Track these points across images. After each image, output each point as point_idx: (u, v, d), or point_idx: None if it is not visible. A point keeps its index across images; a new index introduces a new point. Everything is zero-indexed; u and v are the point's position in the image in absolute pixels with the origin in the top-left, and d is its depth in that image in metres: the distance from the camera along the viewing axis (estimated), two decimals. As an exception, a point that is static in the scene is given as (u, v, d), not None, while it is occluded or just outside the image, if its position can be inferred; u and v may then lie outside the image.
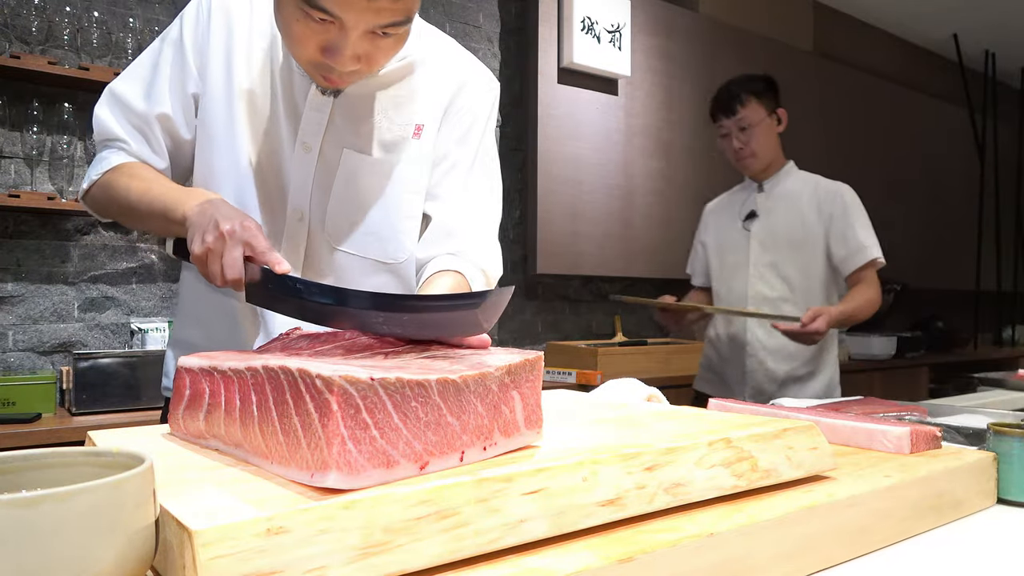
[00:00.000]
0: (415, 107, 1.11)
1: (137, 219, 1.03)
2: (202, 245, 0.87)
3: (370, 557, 0.41)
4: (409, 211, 1.12)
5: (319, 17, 0.87)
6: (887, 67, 5.11)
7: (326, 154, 1.06)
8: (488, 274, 1.13)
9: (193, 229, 0.90)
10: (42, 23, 2.29)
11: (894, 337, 4.23)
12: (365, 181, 1.08)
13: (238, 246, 0.86)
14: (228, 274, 0.85)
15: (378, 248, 1.11)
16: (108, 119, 1.07)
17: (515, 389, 0.55)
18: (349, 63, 0.93)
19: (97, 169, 1.06)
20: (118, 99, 1.07)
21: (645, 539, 0.49)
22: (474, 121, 1.15)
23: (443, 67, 1.14)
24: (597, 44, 3.35)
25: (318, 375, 0.46)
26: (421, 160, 1.12)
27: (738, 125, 2.11)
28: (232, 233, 0.86)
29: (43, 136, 2.30)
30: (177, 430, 0.65)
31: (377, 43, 0.92)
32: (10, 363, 2.32)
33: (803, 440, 0.64)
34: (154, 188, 1.00)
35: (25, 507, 0.33)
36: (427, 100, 1.12)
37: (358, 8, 0.86)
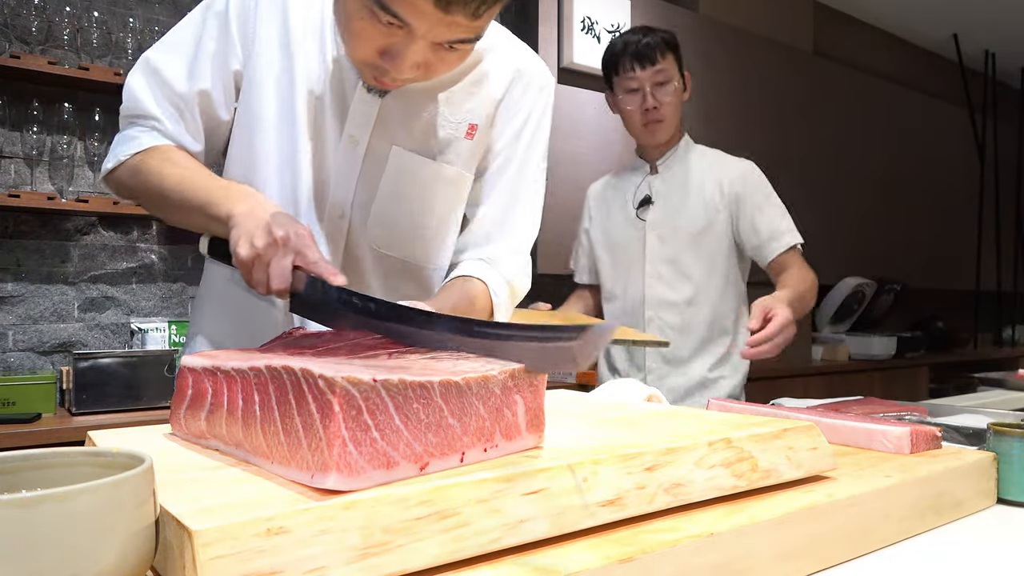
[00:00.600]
0: (471, 105, 1.04)
1: (169, 209, 0.95)
2: (250, 250, 0.80)
3: (370, 557, 0.41)
4: (455, 215, 1.07)
5: (387, 20, 0.81)
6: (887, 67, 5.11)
7: (374, 149, 1.00)
8: (515, 288, 1.09)
9: (240, 231, 0.82)
10: (42, 23, 2.29)
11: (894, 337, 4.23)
12: (413, 181, 1.02)
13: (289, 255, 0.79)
14: (275, 284, 0.79)
15: (420, 252, 1.06)
16: (143, 92, 0.99)
17: (518, 392, 0.55)
18: (407, 71, 0.87)
19: (126, 149, 0.97)
20: (156, 72, 0.99)
21: (645, 539, 0.49)
22: (527, 119, 1.09)
23: (501, 60, 1.06)
24: (597, 44, 3.35)
25: (321, 375, 0.46)
26: (471, 162, 1.06)
27: (655, 79, 1.74)
28: (286, 240, 0.79)
29: (43, 136, 2.30)
30: (179, 429, 0.65)
31: (441, 55, 0.86)
32: (10, 363, 2.32)
33: (803, 440, 0.64)
34: (192, 177, 0.92)
35: (25, 507, 0.33)
36: (483, 97, 1.05)
37: (431, 20, 0.80)
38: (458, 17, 0.80)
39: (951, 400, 1.62)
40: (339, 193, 1.00)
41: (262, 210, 0.83)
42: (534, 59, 1.11)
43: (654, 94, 1.74)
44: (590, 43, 3.33)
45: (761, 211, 1.75)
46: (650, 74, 1.73)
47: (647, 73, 1.73)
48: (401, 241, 1.04)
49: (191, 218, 0.93)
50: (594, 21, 3.33)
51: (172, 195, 0.93)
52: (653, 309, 1.80)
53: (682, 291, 1.79)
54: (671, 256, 1.80)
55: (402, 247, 1.04)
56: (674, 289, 1.80)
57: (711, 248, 1.78)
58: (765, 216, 1.75)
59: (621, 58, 1.76)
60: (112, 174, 1.00)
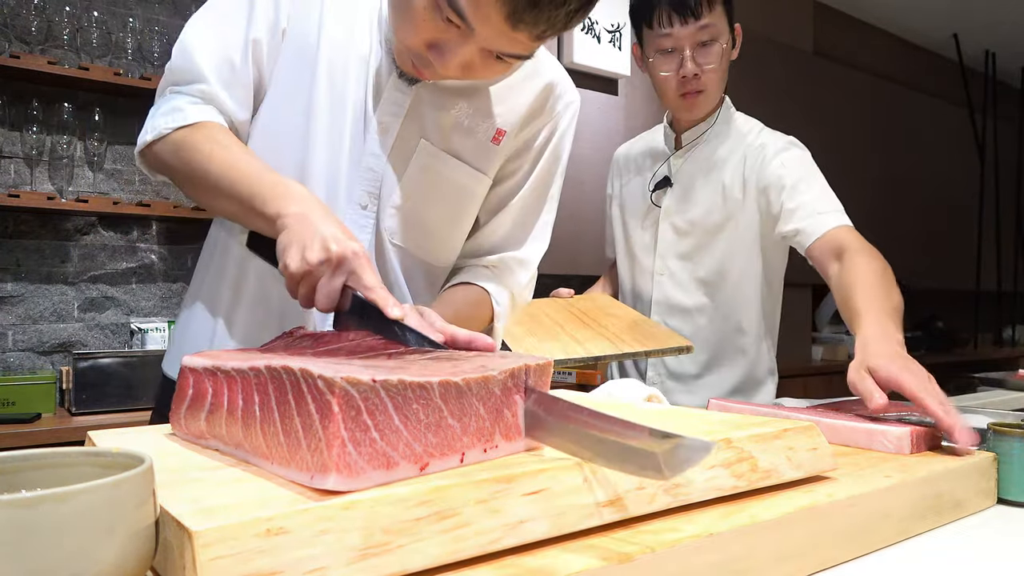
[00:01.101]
0: (500, 110, 1.02)
1: (212, 193, 0.88)
2: (301, 263, 0.74)
3: (370, 558, 0.41)
4: (469, 217, 1.06)
5: (448, 16, 0.78)
6: (887, 67, 5.11)
7: (403, 139, 0.97)
8: (516, 299, 1.09)
9: (291, 237, 0.77)
10: (42, 23, 2.29)
11: (894, 337, 4.22)
12: (435, 177, 0.99)
13: (342, 275, 0.75)
14: (321, 304, 0.75)
15: (433, 249, 1.04)
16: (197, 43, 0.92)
17: (518, 393, 0.55)
18: (453, 70, 0.84)
19: (170, 120, 0.90)
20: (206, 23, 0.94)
21: (645, 539, 0.49)
22: (553, 134, 1.08)
23: (534, 71, 1.05)
24: (597, 44, 3.35)
25: (320, 376, 0.46)
26: (493, 167, 1.04)
27: (697, 38, 1.35)
28: (341, 260, 0.74)
29: (43, 136, 2.31)
30: (179, 430, 0.65)
31: (489, 63, 0.84)
32: (10, 363, 2.32)
33: (803, 440, 0.64)
34: (242, 165, 0.86)
35: (25, 507, 0.33)
36: (512, 105, 1.04)
37: (495, 30, 0.77)
38: (521, 35, 0.78)
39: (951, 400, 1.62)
40: (367, 180, 0.97)
41: (316, 217, 0.78)
42: (564, 75, 1.09)
43: (695, 57, 1.36)
44: (590, 43, 3.33)
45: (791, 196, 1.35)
46: (692, 31, 1.34)
47: (688, 30, 1.34)
48: (415, 236, 1.01)
49: (232, 207, 0.87)
50: (594, 21, 3.33)
51: (219, 180, 0.86)
52: (660, 313, 1.52)
53: (694, 295, 1.48)
54: (685, 252, 1.49)
55: (414, 241, 1.02)
56: (685, 291, 1.49)
57: (731, 248, 1.46)
58: (799, 197, 1.34)
59: (656, 7, 1.36)
60: (151, 147, 0.92)
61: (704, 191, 1.47)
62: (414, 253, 1.02)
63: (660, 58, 1.39)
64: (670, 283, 1.50)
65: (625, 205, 1.60)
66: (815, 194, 1.34)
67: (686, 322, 1.50)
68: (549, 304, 1.50)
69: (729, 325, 1.48)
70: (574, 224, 3.33)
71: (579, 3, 0.76)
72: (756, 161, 1.42)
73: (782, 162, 1.38)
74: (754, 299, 1.48)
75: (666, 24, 1.34)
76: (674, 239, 1.49)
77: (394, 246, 1.00)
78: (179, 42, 0.94)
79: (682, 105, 1.42)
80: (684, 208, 1.48)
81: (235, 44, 0.93)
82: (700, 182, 1.47)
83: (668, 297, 1.50)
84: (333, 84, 0.95)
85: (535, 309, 1.42)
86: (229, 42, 0.93)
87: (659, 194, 1.51)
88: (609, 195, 1.68)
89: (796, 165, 1.38)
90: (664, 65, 1.39)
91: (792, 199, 1.34)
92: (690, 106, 1.42)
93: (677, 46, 1.36)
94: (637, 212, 1.56)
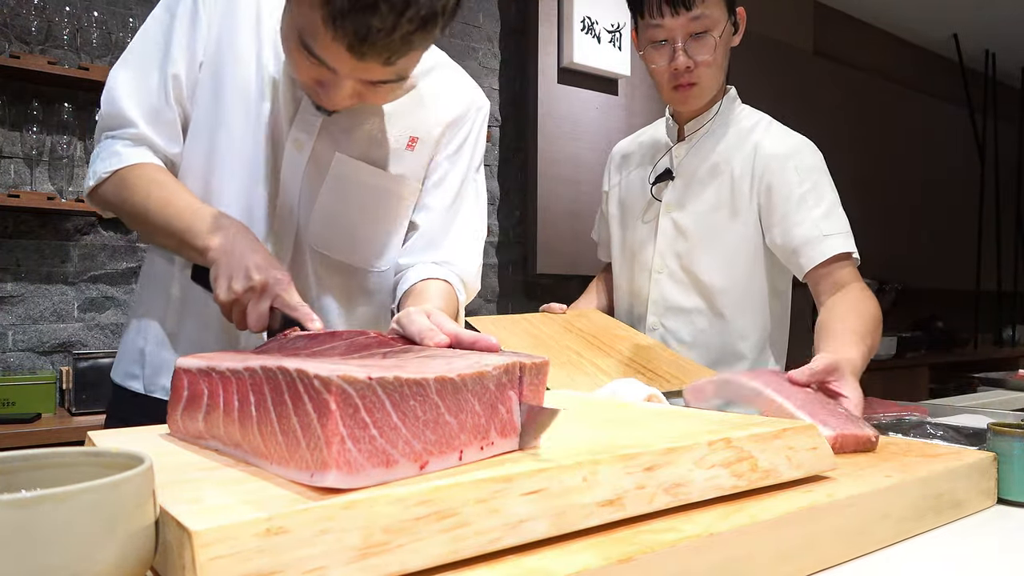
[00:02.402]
0: (412, 120, 1.10)
1: (150, 230, 0.98)
2: (229, 293, 0.85)
3: (370, 557, 0.41)
4: (396, 221, 1.12)
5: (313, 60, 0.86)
6: (887, 67, 5.12)
7: (318, 155, 1.04)
8: (468, 286, 1.14)
9: (219, 269, 0.87)
10: (42, 23, 2.29)
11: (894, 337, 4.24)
12: (354, 187, 1.07)
13: (267, 299, 0.84)
14: (252, 326, 0.84)
15: (361, 255, 1.10)
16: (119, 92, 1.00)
17: (512, 388, 0.55)
18: (342, 102, 0.92)
19: (107, 165, 0.99)
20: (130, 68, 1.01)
21: (645, 539, 0.49)
22: (467, 137, 1.16)
23: (439, 84, 1.14)
24: (597, 44, 3.35)
25: (316, 375, 0.46)
26: (414, 171, 1.11)
27: (689, 29, 1.29)
28: (264, 287, 0.84)
29: (43, 136, 2.31)
30: (175, 431, 0.65)
31: (373, 89, 0.91)
32: (10, 363, 2.32)
33: (803, 440, 0.64)
34: (174, 202, 0.95)
35: (25, 507, 0.33)
36: (425, 114, 1.11)
37: (349, 63, 0.84)
38: (372, 64, 0.84)
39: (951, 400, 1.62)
40: (286, 193, 1.04)
41: (240, 248, 0.87)
42: (470, 81, 1.19)
43: (688, 50, 1.30)
44: (590, 43, 3.33)
45: (798, 207, 1.29)
46: (684, 22, 1.28)
47: (680, 21, 1.28)
48: (341, 243, 1.08)
49: (169, 242, 0.96)
50: (594, 21, 3.33)
51: (155, 218, 0.95)
52: (657, 314, 1.44)
53: (693, 296, 1.41)
54: (685, 249, 1.41)
55: (342, 249, 1.08)
56: (684, 292, 1.42)
57: (734, 247, 1.38)
58: (801, 214, 1.28)
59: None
60: (96, 191, 1.01)
61: (709, 185, 1.39)
62: (340, 259, 1.09)
63: (652, 49, 1.33)
64: (669, 282, 1.43)
65: (624, 200, 1.54)
66: (823, 210, 1.28)
67: (684, 323, 1.42)
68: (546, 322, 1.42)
69: (730, 329, 1.40)
70: (574, 224, 3.34)
71: (412, 25, 0.80)
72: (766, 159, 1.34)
73: (795, 167, 1.32)
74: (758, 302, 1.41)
75: (656, 15, 1.29)
76: (674, 235, 1.42)
77: (318, 254, 1.07)
78: (105, 91, 1.02)
79: (676, 98, 1.37)
80: (686, 202, 1.41)
81: (156, 86, 1.01)
82: (705, 175, 1.40)
83: (666, 297, 1.43)
84: (248, 108, 1.02)
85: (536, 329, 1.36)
86: (150, 85, 1.01)
87: (660, 187, 1.44)
88: (605, 192, 1.62)
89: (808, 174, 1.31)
90: (656, 57, 1.33)
91: (798, 211, 1.29)
92: (684, 99, 1.36)
93: (669, 37, 1.30)
94: (636, 207, 1.50)
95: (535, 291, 3.51)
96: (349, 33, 0.79)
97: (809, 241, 1.27)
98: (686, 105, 1.38)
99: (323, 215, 1.06)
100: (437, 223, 1.13)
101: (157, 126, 1.01)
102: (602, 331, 1.41)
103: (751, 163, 1.36)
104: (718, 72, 1.35)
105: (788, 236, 1.29)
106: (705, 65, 1.31)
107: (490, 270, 3.40)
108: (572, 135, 3.37)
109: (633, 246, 1.50)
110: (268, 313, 0.85)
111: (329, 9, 0.78)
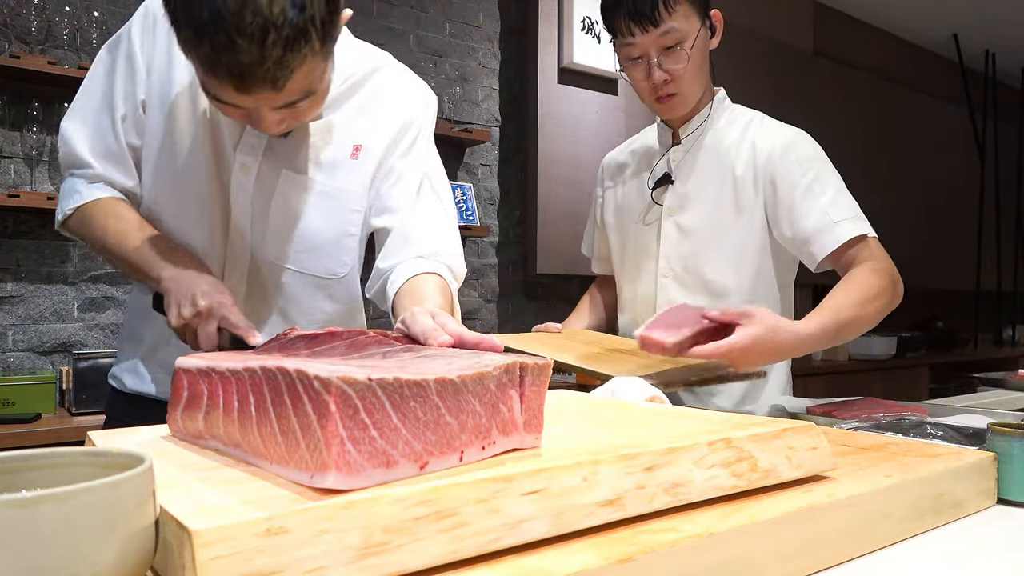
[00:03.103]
0: (353, 128, 1.12)
1: (113, 260, 1.07)
2: (179, 319, 0.93)
3: (370, 557, 0.41)
4: (347, 228, 1.14)
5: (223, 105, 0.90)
6: (887, 67, 5.12)
7: (264, 175, 1.08)
8: (454, 270, 1.15)
9: (169, 298, 0.95)
10: (42, 23, 2.29)
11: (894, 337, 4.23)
12: (303, 200, 1.10)
13: (213, 322, 0.92)
14: (203, 347, 0.92)
15: (318, 264, 1.13)
16: (73, 138, 1.07)
17: (512, 388, 0.55)
18: (273, 128, 0.95)
19: (69, 203, 1.07)
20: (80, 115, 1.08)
21: (645, 539, 0.49)
22: (417, 135, 1.17)
23: (382, 87, 1.15)
24: (597, 44, 3.35)
25: (315, 376, 0.46)
26: (359, 179, 1.13)
27: (660, 44, 1.30)
28: (209, 311, 0.92)
29: (43, 136, 2.31)
30: (176, 430, 0.65)
31: (294, 110, 0.93)
32: (10, 363, 2.32)
33: (803, 440, 0.64)
34: (131, 236, 1.03)
35: (25, 507, 0.33)
36: (366, 121, 1.13)
37: (248, 101, 0.87)
38: (265, 93, 0.85)
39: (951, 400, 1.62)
40: (238, 214, 1.08)
41: (189, 277, 0.96)
42: (413, 78, 1.20)
43: (662, 64, 1.31)
44: (590, 43, 3.33)
45: (803, 198, 1.29)
46: (654, 38, 1.29)
47: (650, 38, 1.29)
48: (298, 256, 1.12)
49: (132, 272, 1.05)
50: (594, 21, 3.33)
51: (114, 250, 1.04)
52: None
53: (700, 297, 1.41)
54: (691, 251, 1.41)
55: (301, 262, 1.12)
56: (691, 294, 1.41)
57: (740, 244, 1.38)
58: (807, 203, 1.29)
59: (615, 18, 1.32)
60: (65, 224, 1.10)
61: (710, 185, 1.40)
62: (308, 272, 1.13)
63: (630, 66, 1.36)
64: (675, 285, 1.43)
65: (622, 208, 1.54)
66: (830, 197, 1.29)
67: None
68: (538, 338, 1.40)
69: None
70: (574, 224, 3.34)
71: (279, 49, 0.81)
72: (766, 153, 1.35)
73: (796, 158, 1.33)
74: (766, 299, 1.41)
75: (627, 33, 1.31)
76: (678, 237, 1.42)
77: (277, 266, 1.11)
78: (60, 135, 1.09)
79: (660, 108, 1.40)
80: (688, 204, 1.42)
81: (105, 127, 1.07)
82: (705, 176, 1.41)
83: (672, 300, 1.41)
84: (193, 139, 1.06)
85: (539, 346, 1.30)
86: (100, 127, 1.07)
87: (660, 191, 1.44)
88: (599, 203, 1.61)
89: (811, 163, 1.33)
90: (634, 73, 1.36)
91: (804, 201, 1.29)
92: (668, 108, 1.38)
93: (642, 53, 1.32)
94: (636, 213, 1.50)
95: (535, 291, 3.51)
96: (225, 75, 0.83)
97: (820, 230, 1.27)
98: (672, 113, 1.40)
99: (276, 231, 1.10)
100: (407, 220, 1.14)
101: (111, 164, 1.08)
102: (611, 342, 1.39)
103: (751, 160, 1.37)
104: (697, 78, 1.36)
105: (797, 227, 1.30)
106: (680, 74, 1.32)
107: (490, 270, 3.40)
108: (572, 135, 3.37)
109: (636, 253, 1.49)
110: (216, 334, 0.93)
111: (203, 60, 0.83)
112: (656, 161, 1.47)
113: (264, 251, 1.10)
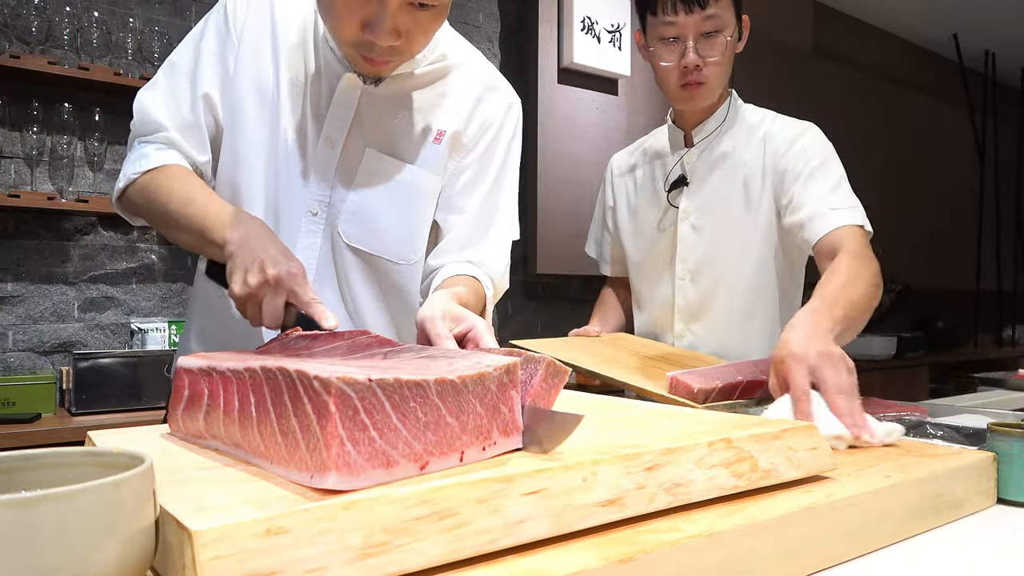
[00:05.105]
0: (440, 112, 1.11)
1: (172, 228, 0.99)
2: (244, 287, 0.83)
3: (370, 557, 0.41)
4: (424, 215, 1.13)
5: None
6: (887, 67, 5.11)
7: (349, 150, 1.06)
8: (496, 285, 1.15)
9: (234, 263, 0.86)
10: (42, 23, 2.29)
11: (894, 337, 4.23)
12: (385, 181, 1.08)
13: (282, 294, 0.83)
14: (267, 322, 0.83)
15: (392, 248, 1.10)
16: (151, 103, 1.04)
17: (513, 388, 0.55)
18: (388, 37, 0.92)
19: (136, 167, 1.01)
20: (162, 84, 1.05)
21: (645, 539, 0.49)
22: (497, 137, 1.15)
23: (472, 77, 1.14)
24: (597, 44, 3.35)
25: (316, 376, 0.46)
26: (440, 166, 1.12)
27: (701, 28, 1.30)
28: (278, 281, 0.83)
29: (43, 136, 2.30)
30: (176, 430, 0.65)
31: (415, 16, 0.91)
32: (10, 363, 2.32)
33: (803, 440, 0.64)
34: (197, 200, 0.95)
35: (25, 507, 0.33)
36: (453, 107, 1.12)
37: None
38: None
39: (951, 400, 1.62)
40: (316, 191, 1.06)
41: (257, 241, 0.86)
42: (500, 78, 1.18)
43: (699, 48, 1.31)
44: (590, 43, 3.33)
45: (806, 184, 1.30)
46: (697, 21, 1.29)
47: (693, 19, 1.29)
48: (372, 238, 1.09)
49: (190, 240, 0.96)
50: (594, 21, 3.33)
51: (177, 215, 0.96)
52: (684, 321, 1.44)
53: (719, 298, 1.40)
54: (707, 253, 1.41)
55: (373, 243, 1.09)
56: (710, 296, 1.41)
57: (758, 246, 1.38)
58: (809, 189, 1.29)
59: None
60: (124, 194, 1.03)
61: (724, 187, 1.40)
62: (372, 253, 1.09)
63: (662, 47, 1.34)
64: (693, 288, 1.43)
65: (636, 211, 1.53)
66: (830, 185, 1.29)
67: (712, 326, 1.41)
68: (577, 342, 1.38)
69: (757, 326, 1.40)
70: (574, 224, 3.33)
71: None
72: (775, 147, 1.36)
73: (803, 147, 1.34)
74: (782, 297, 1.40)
75: (670, 12, 1.29)
76: (695, 239, 1.42)
77: (351, 248, 1.08)
78: (136, 103, 1.05)
79: (682, 95, 1.37)
80: (704, 206, 1.42)
81: (185, 99, 1.04)
82: (719, 178, 1.41)
83: (691, 302, 1.42)
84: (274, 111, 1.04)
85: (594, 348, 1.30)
86: (179, 98, 1.04)
87: (675, 194, 1.44)
88: (610, 207, 1.60)
89: (816, 151, 1.33)
90: (666, 54, 1.34)
91: (806, 188, 1.29)
92: (690, 96, 1.36)
93: (680, 35, 1.31)
94: (650, 216, 1.49)
95: (535, 291, 3.51)
96: None
97: (814, 215, 1.26)
98: (692, 103, 1.38)
99: (354, 210, 1.07)
100: (470, 225, 1.13)
101: (186, 133, 1.03)
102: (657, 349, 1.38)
103: (762, 154, 1.38)
104: (724, 73, 1.36)
105: (796, 213, 1.30)
106: (714, 64, 1.32)
107: (490, 270, 3.40)
108: (572, 135, 3.37)
109: (653, 256, 1.49)
110: (283, 309, 0.83)
111: None
112: (671, 164, 1.47)
113: (337, 229, 1.07)
